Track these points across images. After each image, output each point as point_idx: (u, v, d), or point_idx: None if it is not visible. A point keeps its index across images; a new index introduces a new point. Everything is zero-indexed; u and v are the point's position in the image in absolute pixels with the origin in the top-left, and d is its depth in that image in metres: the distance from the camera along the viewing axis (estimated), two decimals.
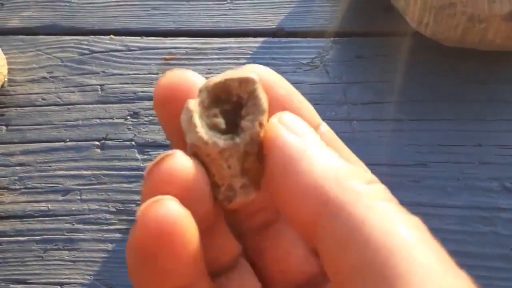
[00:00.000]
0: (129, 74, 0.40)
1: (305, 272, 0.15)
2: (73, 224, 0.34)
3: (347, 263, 0.11)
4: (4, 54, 0.41)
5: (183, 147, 0.13)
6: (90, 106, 0.39)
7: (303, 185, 0.12)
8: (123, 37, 0.42)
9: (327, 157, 0.12)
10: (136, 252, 0.12)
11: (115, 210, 0.34)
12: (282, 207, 0.13)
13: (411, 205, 0.15)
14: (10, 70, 0.41)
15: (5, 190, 0.35)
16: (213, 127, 0.13)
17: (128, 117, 0.38)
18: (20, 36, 0.43)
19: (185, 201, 0.12)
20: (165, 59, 0.41)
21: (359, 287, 0.10)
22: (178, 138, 0.14)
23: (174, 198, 0.12)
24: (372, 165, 0.15)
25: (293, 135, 0.13)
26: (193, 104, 0.13)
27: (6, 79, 0.40)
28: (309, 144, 0.13)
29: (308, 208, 0.12)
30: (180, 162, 0.12)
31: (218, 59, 0.40)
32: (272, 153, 0.13)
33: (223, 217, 0.14)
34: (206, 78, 0.15)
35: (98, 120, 0.38)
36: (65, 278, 0.32)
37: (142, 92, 0.39)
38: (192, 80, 0.14)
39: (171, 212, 0.11)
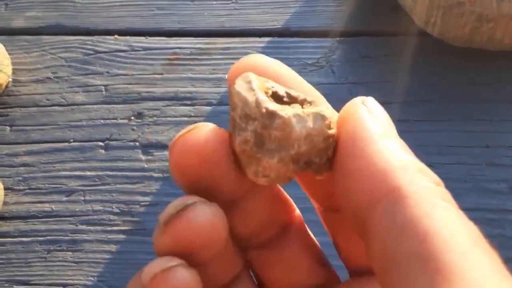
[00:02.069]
0: (133, 75, 0.40)
1: (310, 284, 0.15)
2: (77, 225, 0.34)
3: (401, 252, 0.11)
4: (9, 54, 0.41)
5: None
6: (94, 106, 0.39)
7: (373, 167, 0.12)
8: (128, 37, 0.42)
9: (401, 149, 0.12)
10: None
11: (118, 211, 0.34)
12: (342, 187, 0.13)
13: None
14: (14, 71, 0.41)
15: (9, 191, 0.35)
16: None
17: (132, 118, 0.38)
18: (25, 36, 0.42)
19: (204, 248, 0.12)
20: (170, 59, 0.41)
21: (410, 277, 0.10)
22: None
23: (184, 265, 0.12)
24: None
25: (373, 119, 0.13)
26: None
27: (10, 79, 0.40)
28: (387, 131, 0.13)
29: (371, 191, 0.12)
30: (203, 214, 0.12)
31: (223, 59, 0.40)
32: (349, 130, 0.13)
33: (229, 234, 0.14)
34: (211, 80, 0.14)
35: (102, 121, 0.38)
36: (68, 279, 0.32)
37: (146, 92, 0.39)
38: (217, 142, 0.13)
39: (181, 283, 0.12)
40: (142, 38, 0.42)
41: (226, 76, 0.14)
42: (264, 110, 0.12)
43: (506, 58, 0.38)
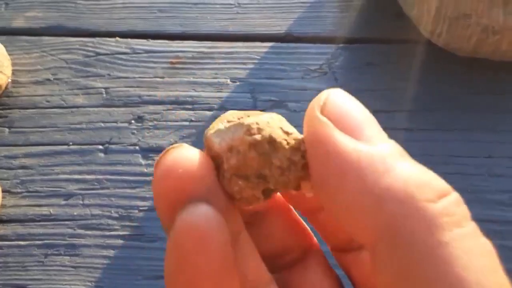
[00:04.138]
0: (134, 78, 0.40)
1: None
2: (75, 229, 0.34)
3: None
4: (9, 55, 0.40)
5: None
6: (95, 109, 0.38)
7: (362, 200, 0.10)
8: (129, 39, 0.42)
9: (389, 161, 0.10)
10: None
11: (117, 215, 0.34)
12: (335, 219, 0.11)
13: None
14: (14, 71, 0.40)
15: (7, 193, 0.35)
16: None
17: (133, 121, 0.38)
18: (25, 37, 0.42)
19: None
20: (171, 62, 0.40)
21: None
22: None
23: (205, 200, 0.11)
24: None
25: (347, 138, 0.10)
26: None
27: (10, 80, 0.40)
28: (363, 144, 0.10)
29: (366, 228, 0.10)
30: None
31: (225, 63, 0.40)
32: (320, 160, 0.11)
33: (252, 241, 0.13)
34: (213, 84, 0.14)
35: (102, 124, 0.38)
36: (65, 284, 0.32)
37: (147, 96, 0.39)
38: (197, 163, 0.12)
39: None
40: (143, 41, 0.41)
41: (228, 81, 0.14)
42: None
43: (511, 68, 0.38)
